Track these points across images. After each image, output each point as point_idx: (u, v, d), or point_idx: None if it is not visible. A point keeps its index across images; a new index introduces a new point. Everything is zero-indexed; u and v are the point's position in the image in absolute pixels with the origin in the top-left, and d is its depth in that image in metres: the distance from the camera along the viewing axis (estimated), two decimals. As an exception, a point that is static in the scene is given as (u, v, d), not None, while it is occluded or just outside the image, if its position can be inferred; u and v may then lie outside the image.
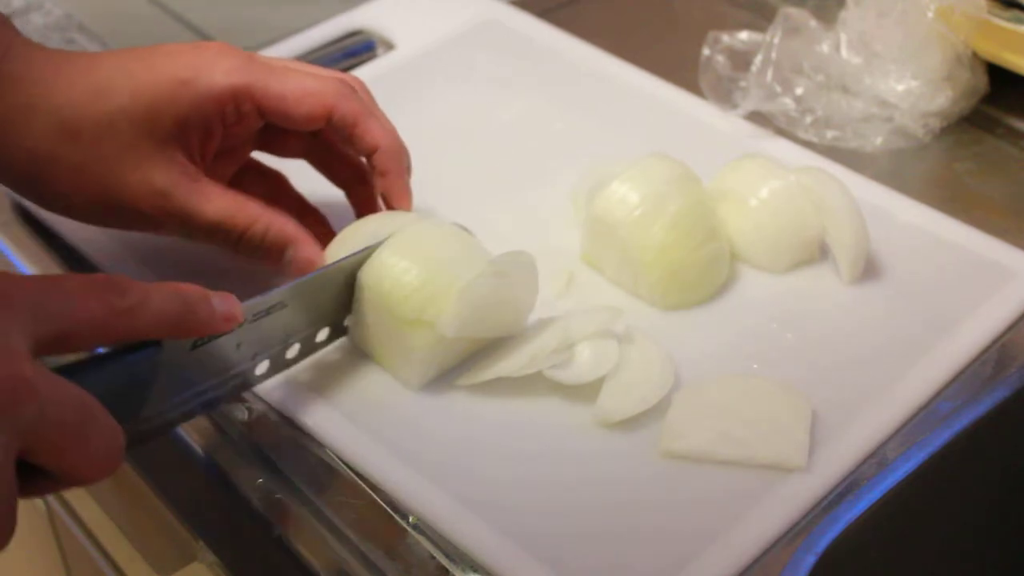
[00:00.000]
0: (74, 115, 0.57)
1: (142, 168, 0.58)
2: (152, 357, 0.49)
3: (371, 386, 0.59)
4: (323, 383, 0.59)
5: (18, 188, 0.61)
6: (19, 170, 0.59)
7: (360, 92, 0.63)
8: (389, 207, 0.63)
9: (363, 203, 0.65)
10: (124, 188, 0.58)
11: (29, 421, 0.41)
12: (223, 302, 0.50)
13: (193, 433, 0.58)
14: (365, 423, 0.57)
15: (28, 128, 0.58)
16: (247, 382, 0.55)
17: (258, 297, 0.54)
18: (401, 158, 0.62)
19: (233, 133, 0.62)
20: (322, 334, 0.58)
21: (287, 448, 0.57)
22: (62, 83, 0.58)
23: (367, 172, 0.64)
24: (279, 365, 0.56)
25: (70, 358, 0.47)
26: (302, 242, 0.60)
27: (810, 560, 0.51)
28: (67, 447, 0.43)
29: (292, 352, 0.57)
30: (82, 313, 0.44)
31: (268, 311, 0.54)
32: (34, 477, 0.44)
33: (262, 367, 0.55)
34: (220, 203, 0.59)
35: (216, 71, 0.59)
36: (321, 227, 0.65)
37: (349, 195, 0.66)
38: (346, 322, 0.59)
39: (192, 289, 0.49)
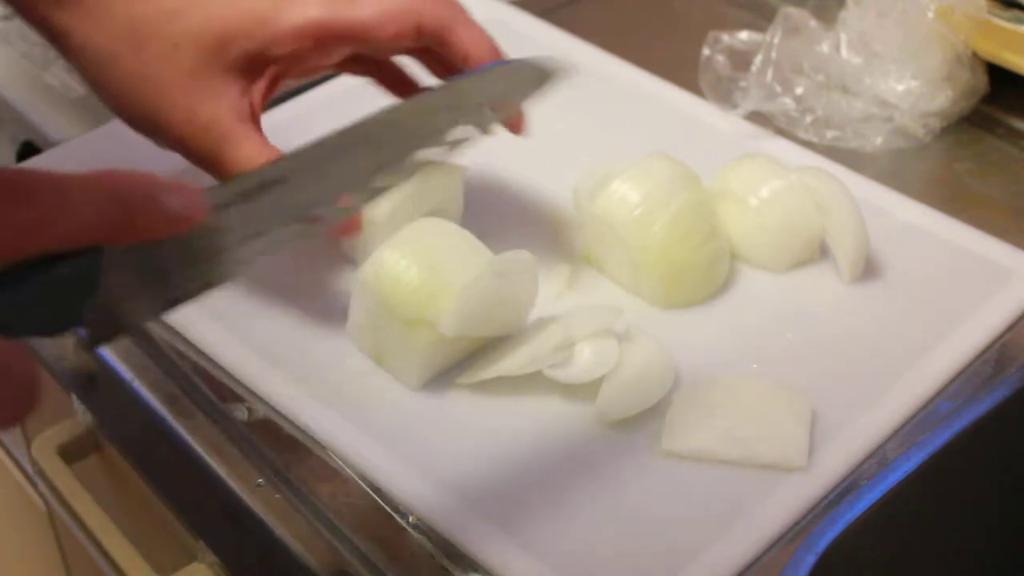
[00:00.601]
0: (145, 28, 0.58)
1: (192, 96, 0.59)
2: (89, 263, 0.40)
3: (370, 385, 0.59)
4: (322, 383, 0.59)
5: (83, 75, 0.61)
6: (85, 61, 0.60)
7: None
8: None
9: None
10: (171, 111, 0.59)
11: None
12: (179, 198, 0.41)
13: (193, 433, 0.58)
14: (364, 422, 0.57)
15: (100, 26, 0.58)
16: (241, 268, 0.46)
17: (243, 177, 0.47)
18: (498, 58, 0.60)
19: (308, 66, 0.61)
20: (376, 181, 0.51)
21: (287, 448, 0.57)
22: None
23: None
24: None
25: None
26: None
27: (810, 560, 0.51)
28: None
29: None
30: None
31: (260, 189, 0.46)
32: None
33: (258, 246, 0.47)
34: (253, 150, 0.59)
35: (296, 7, 0.59)
36: (405, 83, 0.65)
37: None
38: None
39: (134, 184, 0.40)
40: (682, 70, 0.78)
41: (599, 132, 0.75)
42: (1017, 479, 0.66)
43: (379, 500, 0.54)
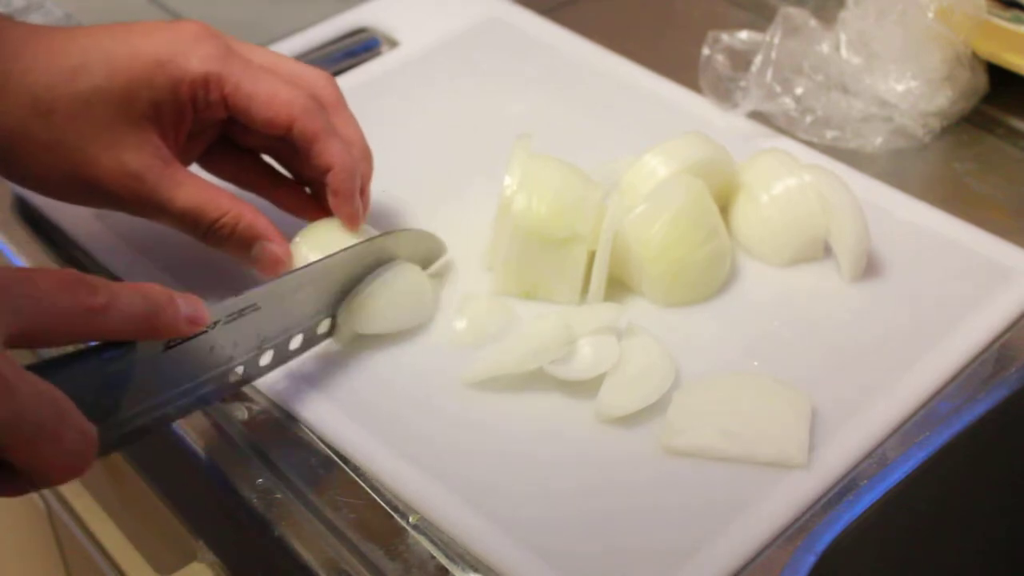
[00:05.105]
0: (49, 94, 0.57)
1: (115, 149, 0.58)
2: (125, 356, 0.48)
3: (371, 382, 0.59)
4: (324, 379, 0.59)
5: None
6: None
7: (330, 97, 0.62)
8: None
9: (325, 200, 0.63)
10: (96, 168, 0.58)
11: (4, 418, 0.41)
12: (188, 305, 0.50)
13: (193, 433, 0.58)
14: (365, 419, 0.57)
15: (2, 105, 0.57)
16: (225, 385, 0.55)
17: (230, 299, 0.53)
18: (353, 179, 0.61)
19: (202, 118, 0.61)
20: (322, 326, 0.59)
21: (287, 447, 0.57)
22: (39, 60, 0.58)
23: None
24: (255, 370, 0.56)
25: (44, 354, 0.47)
26: (270, 238, 0.60)
27: (810, 560, 0.51)
28: (40, 446, 0.43)
29: (266, 359, 0.56)
30: (52, 309, 0.44)
31: (240, 313, 0.53)
32: (2, 475, 0.43)
33: (239, 370, 0.55)
34: (191, 192, 0.59)
35: (193, 56, 0.58)
36: (298, 196, 0.65)
37: (313, 192, 0.65)
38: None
39: (158, 291, 0.49)
40: (682, 69, 0.78)
41: (600, 130, 0.75)
42: (1017, 479, 0.66)
43: (379, 500, 0.54)
